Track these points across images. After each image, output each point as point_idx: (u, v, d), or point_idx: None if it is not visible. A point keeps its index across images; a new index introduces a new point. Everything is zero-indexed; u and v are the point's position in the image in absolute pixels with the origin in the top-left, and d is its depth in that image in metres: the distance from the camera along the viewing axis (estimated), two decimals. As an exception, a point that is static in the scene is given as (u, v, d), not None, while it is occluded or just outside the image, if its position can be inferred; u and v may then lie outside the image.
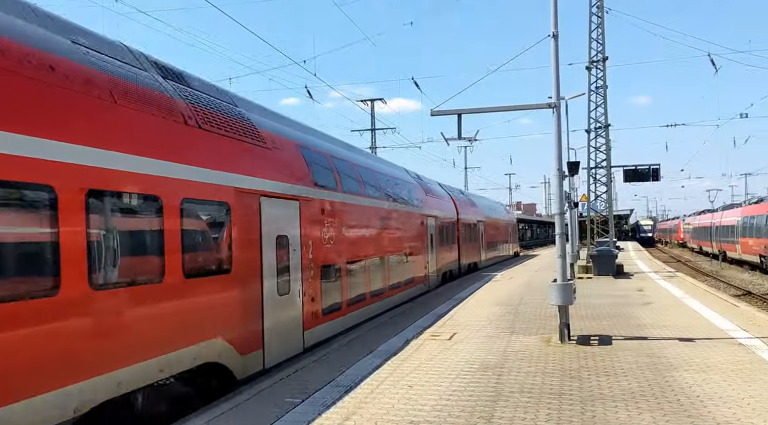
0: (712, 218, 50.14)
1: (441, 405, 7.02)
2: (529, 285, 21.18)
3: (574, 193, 23.45)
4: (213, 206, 8.12)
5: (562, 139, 11.44)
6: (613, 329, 11.86)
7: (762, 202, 36.28)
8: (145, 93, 7.29)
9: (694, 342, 10.34)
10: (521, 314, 14.05)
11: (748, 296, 23.86)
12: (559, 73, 11.19)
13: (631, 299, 16.67)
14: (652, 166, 30.29)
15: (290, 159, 10.82)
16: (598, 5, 28.48)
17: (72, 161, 5.79)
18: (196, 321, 7.49)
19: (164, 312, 6.94)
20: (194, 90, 8.76)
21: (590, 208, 30.94)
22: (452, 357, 9.58)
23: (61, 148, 5.70)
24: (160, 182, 7.01)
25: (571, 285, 10.80)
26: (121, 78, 7.02)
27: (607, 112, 29.19)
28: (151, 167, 6.90)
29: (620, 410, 6.66)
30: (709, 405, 6.75)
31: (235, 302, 8.37)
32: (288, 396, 7.52)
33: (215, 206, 8.14)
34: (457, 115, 11.86)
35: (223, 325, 8.03)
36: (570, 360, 9.20)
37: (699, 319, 12.89)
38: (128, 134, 6.71)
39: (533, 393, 7.42)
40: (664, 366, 8.61)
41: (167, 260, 6.98)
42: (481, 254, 31.82)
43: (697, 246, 61.57)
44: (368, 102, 44.43)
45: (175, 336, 7.08)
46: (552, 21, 11.15)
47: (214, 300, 7.88)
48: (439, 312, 14.68)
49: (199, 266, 7.70)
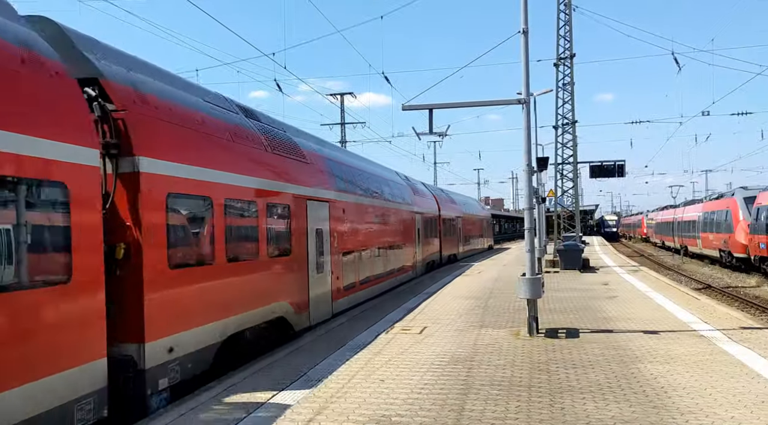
0: (675, 214, 51.26)
1: (412, 398, 7.06)
2: (498, 279, 21.42)
3: (542, 188, 23.74)
4: (283, 207, 11.34)
5: (531, 135, 11.57)
6: (580, 322, 12.07)
7: (722, 198, 37.20)
8: (244, 132, 10.45)
9: (658, 334, 10.59)
10: (490, 308, 14.20)
11: (708, 289, 24.50)
12: (528, 69, 11.31)
13: (597, 293, 16.98)
14: (617, 162, 30.82)
15: (321, 170, 14.03)
16: (565, 3, 28.82)
17: (217, 180, 8.89)
18: (275, 287, 10.71)
19: (261, 279, 10.14)
20: (264, 124, 11.93)
21: (557, 203, 31.38)
22: (423, 350, 9.64)
23: (212, 173, 8.80)
24: (257, 193, 10.16)
25: (539, 279, 10.96)
26: (230, 123, 10.14)
27: (574, 108, 29.59)
28: (252, 183, 10.01)
29: (588, 401, 6.79)
30: (672, 396, 6.93)
31: (294, 276, 11.57)
32: (259, 391, 7.47)
33: (283, 207, 11.36)
34: (428, 110, 11.88)
35: (287, 291, 11.22)
36: (539, 352, 9.34)
37: (662, 312, 13.20)
38: (241, 163, 9.79)
39: (503, 385, 7.52)
40: (629, 358, 8.81)
41: (260, 245, 10.14)
42: (459, 246, 35.08)
43: (659, 241, 62.90)
44: (338, 96, 44.23)
45: (266, 296, 10.27)
46: (522, 17, 11.25)
47: (283, 274, 11.06)
48: (409, 306, 14.74)
49: (274, 250, 10.80)
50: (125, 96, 7.50)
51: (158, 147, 7.71)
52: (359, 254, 16.15)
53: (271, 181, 10.75)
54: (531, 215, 11.51)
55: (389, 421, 6.28)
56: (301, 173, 12.42)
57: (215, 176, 8.82)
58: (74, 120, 6.18)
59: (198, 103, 9.43)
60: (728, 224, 33.00)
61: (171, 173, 7.87)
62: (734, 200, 32.97)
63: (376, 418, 6.38)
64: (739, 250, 31.24)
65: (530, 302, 10.82)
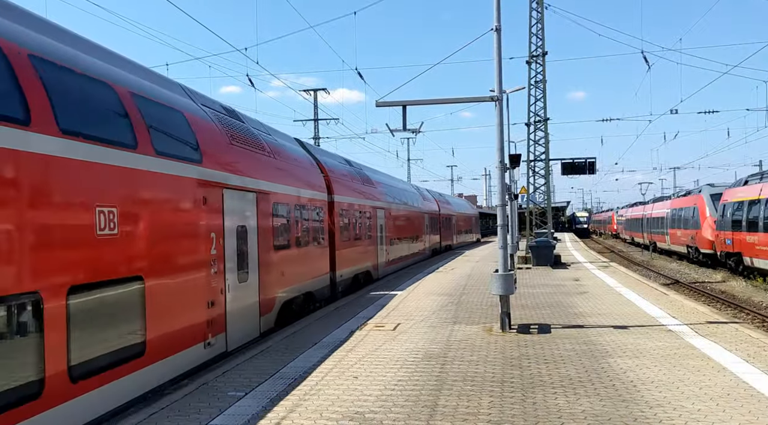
0: (644, 210, 52.11)
1: (386, 395, 7.07)
2: (471, 276, 21.56)
3: (514, 185, 23.95)
4: (370, 213, 18.92)
5: (504, 132, 11.65)
6: (552, 317, 12.21)
7: (689, 195, 37.92)
8: (355, 177, 19.81)
9: (628, 329, 10.76)
10: (463, 304, 14.28)
11: (676, 285, 24.98)
12: (501, 66, 11.38)
13: (568, 289, 17.20)
14: (588, 159, 31.20)
15: (380, 191, 22.80)
16: (537, 1, 29.05)
17: (356, 203, 18.54)
18: (368, 256, 20.31)
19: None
20: (354, 167, 20.90)
21: (529, 200, 31.67)
22: (397, 347, 9.66)
23: (355, 200, 18.31)
24: (366, 207, 18.33)
25: (512, 275, 11.04)
26: (353, 173, 19.55)
27: (546, 106, 29.84)
28: (364, 202, 18.57)
29: (559, 396, 6.87)
30: (641, 389, 7.05)
31: (373, 251, 21.18)
32: (231, 390, 7.41)
33: (370, 213, 19.05)
34: (402, 106, 11.89)
35: (371, 258, 20.78)
36: (511, 348, 9.42)
37: (632, 307, 13.42)
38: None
39: (476, 381, 7.57)
40: (600, 353, 8.93)
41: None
42: (453, 238, 44.52)
43: (629, 237, 63.93)
44: (311, 92, 44.04)
45: (365, 259, 20.06)
46: (495, 15, 11.31)
47: (371, 249, 20.44)
48: (383, 303, 14.76)
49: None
50: (327, 170, 16.75)
51: (337, 190, 17.04)
52: (396, 241, 25.22)
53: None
54: (503, 212, 11.59)
55: (363, 418, 6.27)
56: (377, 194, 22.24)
57: (351, 200, 18.57)
58: (321, 182, 15.77)
59: (341, 166, 19.36)
60: (695, 221, 33.67)
61: (341, 201, 17.33)
62: (701, 197, 33.63)
63: (349, 415, 6.37)
64: (705, 246, 31.91)
65: (503, 299, 10.91)
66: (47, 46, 6.46)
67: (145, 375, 7.27)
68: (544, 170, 30.83)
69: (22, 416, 5.29)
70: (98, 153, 6.55)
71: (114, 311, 6.88)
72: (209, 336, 8.97)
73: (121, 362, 6.81)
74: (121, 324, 6.96)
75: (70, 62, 6.72)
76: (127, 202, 7.07)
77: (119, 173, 6.94)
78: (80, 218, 6.23)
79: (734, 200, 27.03)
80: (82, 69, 6.87)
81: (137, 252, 7.20)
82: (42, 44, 6.37)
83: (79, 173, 6.25)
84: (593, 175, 33.67)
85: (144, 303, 7.27)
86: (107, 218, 6.56)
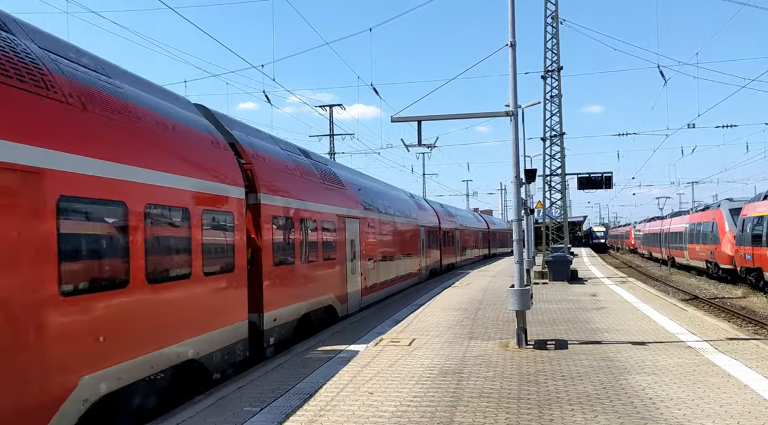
0: (662, 225, 51.61)
1: (401, 411, 7.04)
2: (487, 291, 21.43)
3: (530, 200, 23.85)
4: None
5: (519, 146, 11.64)
6: (569, 333, 12.10)
7: (708, 209, 37.51)
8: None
9: (646, 345, 10.63)
10: (479, 320, 14.20)
11: (695, 300, 24.65)
12: (516, 81, 11.39)
13: (585, 304, 17.04)
14: (604, 174, 31.02)
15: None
16: (552, 16, 29.13)
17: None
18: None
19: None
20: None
21: (546, 215, 31.52)
22: (412, 362, 9.62)
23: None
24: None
25: (528, 291, 10.98)
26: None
27: (561, 120, 29.81)
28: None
29: (577, 413, 6.80)
30: (661, 407, 6.95)
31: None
32: (246, 405, 7.42)
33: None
34: (417, 121, 11.93)
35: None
36: (527, 364, 9.34)
37: (650, 323, 13.26)
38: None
39: (492, 397, 7.51)
40: (617, 369, 8.83)
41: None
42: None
43: (647, 252, 63.26)
44: (327, 108, 44.31)
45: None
46: (510, 30, 11.35)
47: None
48: (398, 318, 14.72)
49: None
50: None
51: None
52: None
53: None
54: (519, 227, 11.55)
55: (378, 434, 6.24)
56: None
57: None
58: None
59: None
60: (714, 236, 33.27)
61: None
62: (720, 212, 33.25)
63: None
64: (725, 261, 31.48)
65: (519, 314, 10.84)
66: (374, 187, 11.02)
67: None
68: (561, 185, 30.72)
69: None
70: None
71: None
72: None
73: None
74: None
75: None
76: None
77: (408, 226, 22.21)
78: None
79: (754, 214, 26.68)
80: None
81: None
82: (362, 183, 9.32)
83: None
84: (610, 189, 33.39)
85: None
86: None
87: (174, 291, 7.91)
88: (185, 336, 8.09)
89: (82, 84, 6.85)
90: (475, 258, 47.83)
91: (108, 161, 6.73)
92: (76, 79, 6.81)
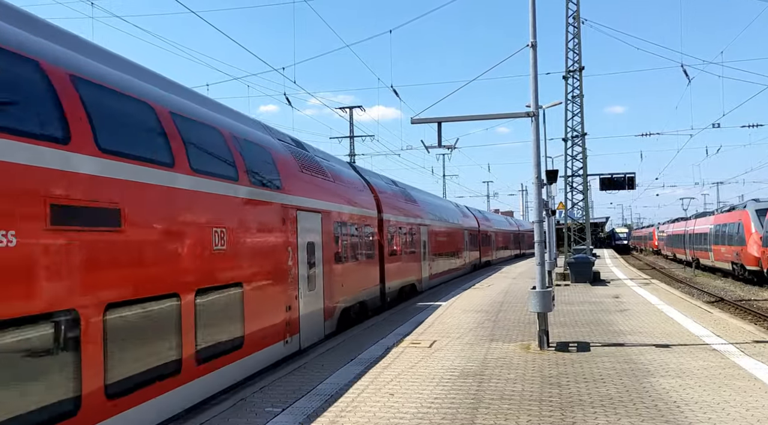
0: (686, 226, 50.92)
1: (422, 412, 7.03)
2: (508, 292, 21.32)
3: (552, 201, 23.68)
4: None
5: (540, 147, 11.57)
6: (591, 335, 11.99)
7: (733, 210, 36.94)
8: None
9: (670, 348, 10.49)
10: (500, 322, 14.13)
11: (720, 303, 24.27)
12: (537, 82, 11.33)
13: (607, 306, 16.87)
14: (627, 174, 30.72)
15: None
16: (574, 16, 28.91)
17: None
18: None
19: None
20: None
21: (567, 216, 31.27)
22: (433, 364, 9.60)
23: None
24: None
25: (550, 293, 10.90)
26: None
27: (583, 121, 29.57)
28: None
29: (599, 416, 6.73)
30: (685, 411, 6.86)
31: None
32: (268, 406, 7.47)
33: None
34: (437, 123, 11.93)
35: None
36: (549, 366, 9.28)
37: (674, 325, 13.09)
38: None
39: (513, 399, 7.47)
40: (641, 372, 8.73)
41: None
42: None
43: (671, 253, 62.46)
44: (347, 109, 44.44)
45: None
46: (530, 31, 11.29)
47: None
48: (419, 319, 14.70)
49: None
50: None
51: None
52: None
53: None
54: (541, 228, 11.48)
55: (399, 436, 6.24)
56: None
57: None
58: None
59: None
60: (740, 237, 32.74)
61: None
62: (746, 213, 32.73)
63: (385, 433, 6.35)
64: (751, 263, 30.95)
65: (540, 316, 10.77)
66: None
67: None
68: (582, 186, 30.45)
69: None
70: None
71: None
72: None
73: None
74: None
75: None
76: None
77: (456, 230, 29.23)
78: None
79: (781, 215, 26.21)
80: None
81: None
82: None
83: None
84: (633, 190, 33.07)
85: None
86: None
87: (360, 265, 15.52)
88: (362, 289, 15.47)
89: (331, 170, 14.50)
90: (507, 257, 54.59)
91: (343, 204, 14.27)
92: (329, 168, 14.36)
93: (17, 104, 5.27)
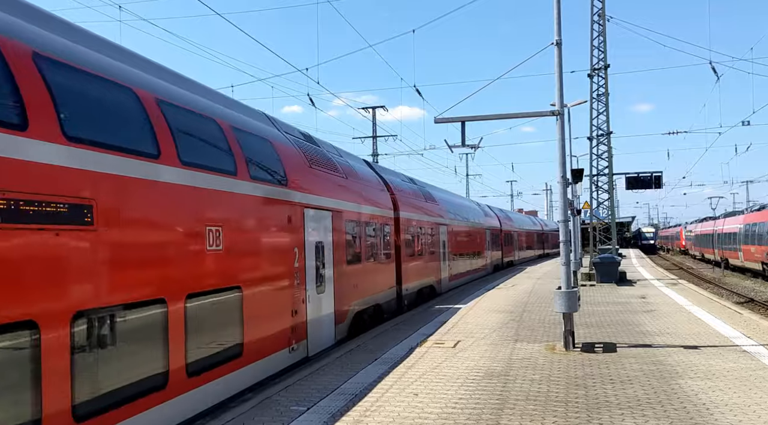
0: (714, 226, 50.09)
1: (447, 413, 7.01)
2: (533, 293, 21.16)
3: (577, 200, 23.45)
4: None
5: (565, 146, 11.47)
6: (617, 336, 11.84)
7: (764, 209, 36.24)
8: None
9: (699, 349, 10.33)
10: (525, 322, 14.04)
11: (750, 303, 23.82)
12: (562, 80, 11.23)
13: (634, 307, 16.65)
14: (654, 173, 30.33)
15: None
16: (599, 13, 28.58)
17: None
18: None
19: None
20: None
21: (593, 215, 30.94)
22: (457, 364, 9.58)
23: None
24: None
25: (575, 293, 10.80)
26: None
27: (608, 119, 29.22)
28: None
29: (626, 417, 6.65)
30: (715, 413, 6.74)
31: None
32: (293, 405, 7.51)
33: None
34: (460, 122, 11.89)
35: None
36: (575, 367, 9.19)
37: (702, 326, 12.88)
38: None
39: (539, 400, 7.41)
40: (669, 374, 8.61)
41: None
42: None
43: (699, 253, 61.48)
44: (370, 109, 44.51)
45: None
46: (555, 29, 11.20)
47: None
48: (442, 319, 14.66)
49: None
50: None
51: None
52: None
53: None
54: (566, 228, 11.37)
55: (424, 436, 6.23)
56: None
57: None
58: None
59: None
60: (771, 236, 32.10)
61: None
62: (777, 212, 32.06)
63: (410, 432, 6.35)
64: (782, 263, 30.33)
65: (566, 316, 10.67)
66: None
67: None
68: (608, 185, 30.09)
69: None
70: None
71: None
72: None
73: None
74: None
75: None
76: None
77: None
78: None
79: (813, 214, 25.63)
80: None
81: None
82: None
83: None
84: (659, 189, 32.63)
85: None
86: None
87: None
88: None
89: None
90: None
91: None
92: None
93: None
